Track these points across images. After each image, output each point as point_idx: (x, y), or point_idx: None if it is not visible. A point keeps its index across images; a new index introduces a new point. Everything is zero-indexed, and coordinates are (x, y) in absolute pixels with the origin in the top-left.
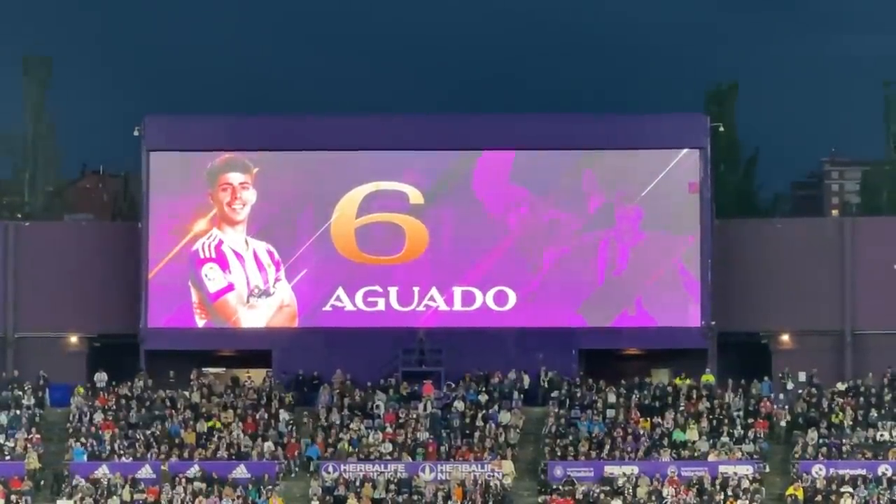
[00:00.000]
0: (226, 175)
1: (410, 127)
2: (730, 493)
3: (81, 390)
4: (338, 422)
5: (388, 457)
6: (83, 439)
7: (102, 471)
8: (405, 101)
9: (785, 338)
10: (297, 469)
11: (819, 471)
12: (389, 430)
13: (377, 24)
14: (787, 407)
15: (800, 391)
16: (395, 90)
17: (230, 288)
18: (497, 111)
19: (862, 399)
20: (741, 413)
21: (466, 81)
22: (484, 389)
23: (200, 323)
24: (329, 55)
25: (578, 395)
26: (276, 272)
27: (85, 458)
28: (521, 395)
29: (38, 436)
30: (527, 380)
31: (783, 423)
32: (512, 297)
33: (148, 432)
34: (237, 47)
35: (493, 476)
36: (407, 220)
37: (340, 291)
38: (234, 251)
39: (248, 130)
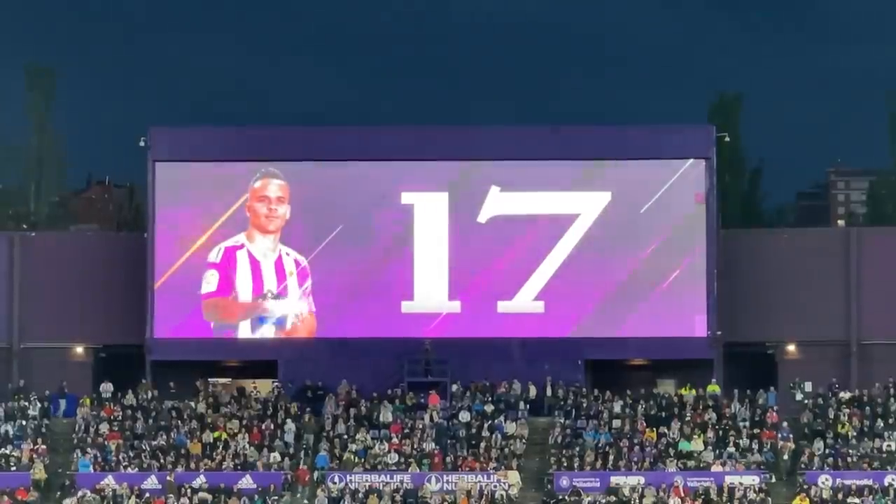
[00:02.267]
0: (264, 187)
1: (416, 139)
2: (736, 503)
3: (88, 401)
4: (344, 432)
5: (394, 467)
6: (89, 450)
7: (108, 481)
8: (413, 114)
9: (791, 348)
10: (305, 500)
11: (825, 481)
12: (395, 440)
13: (387, 36)
14: (791, 436)
15: (806, 401)
16: (403, 102)
17: (218, 293)
18: (503, 122)
19: (868, 409)
20: (747, 423)
21: (474, 94)
22: (490, 400)
23: (207, 321)
24: (334, 67)
25: (584, 405)
26: (300, 281)
27: (91, 468)
28: (527, 406)
29: (44, 446)
30: (533, 390)
31: (786, 457)
32: (518, 307)
33: (154, 443)
34: (242, 58)
35: (499, 486)
36: (414, 229)
37: (347, 301)
38: (251, 256)
39: (251, 141)
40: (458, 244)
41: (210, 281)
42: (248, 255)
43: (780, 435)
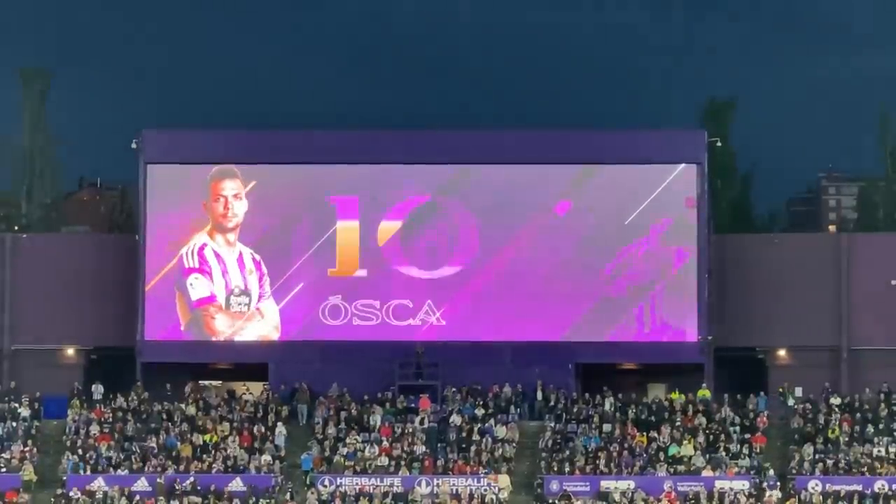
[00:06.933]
0: (219, 185)
1: (408, 142)
2: None
3: (78, 403)
4: (334, 435)
5: (385, 470)
6: (79, 452)
7: (98, 483)
8: (403, 116)
9: (781, 353)
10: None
11: (815, 486)
12: (386, 443)
13: (376, 40)
14: (778, 484)
15: (797, 406)
16: (392, 105)
17: (212, 298)
18: (494, 126)
19: (858, 415)
20: (737, 428)
21: (464, 97)
22: (480, 403)
23: (182, 327)
24: (328, 70)
25: (575, 409)
26: (259, 278)
27: (81, 470)
28: (518, 410)
29: (34, 448)
30: (523, 394)
31: None
32: (509, 312)
33: (144, 445)
34: (235, 61)
35: (490, 490)
36: (403, 234)
37: (338, 304)
38: (216, 253)
39: (244, 144)
40: (448, 247)
41: (196, 286)
42: (213, 253)
43: (766, 483)
